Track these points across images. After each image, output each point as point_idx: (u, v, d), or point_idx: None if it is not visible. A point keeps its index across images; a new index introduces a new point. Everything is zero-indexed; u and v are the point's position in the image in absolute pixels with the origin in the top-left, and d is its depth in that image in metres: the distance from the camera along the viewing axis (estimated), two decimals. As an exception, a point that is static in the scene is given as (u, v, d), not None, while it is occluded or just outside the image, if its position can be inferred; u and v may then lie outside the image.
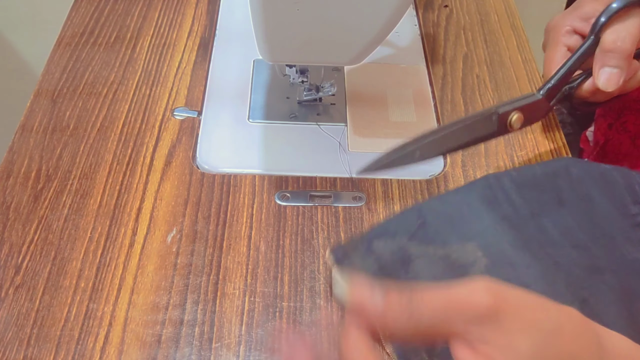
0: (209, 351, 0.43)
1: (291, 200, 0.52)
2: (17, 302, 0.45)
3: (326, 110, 0.61)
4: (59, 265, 0.47)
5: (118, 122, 0.58)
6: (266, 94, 0.62)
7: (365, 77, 0.64)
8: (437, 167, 0.56)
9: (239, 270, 0.48)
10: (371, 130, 0.59)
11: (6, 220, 0.50)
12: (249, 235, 0.50)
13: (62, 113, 0.58)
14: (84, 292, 0.46)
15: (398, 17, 0.48)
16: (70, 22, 0.68)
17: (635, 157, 0.65)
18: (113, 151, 0.55)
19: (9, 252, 0.48)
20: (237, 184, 0.53)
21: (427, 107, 0.62)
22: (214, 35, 0.68)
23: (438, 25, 0.71)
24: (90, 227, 0.50)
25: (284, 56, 0.52)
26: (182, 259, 0.48)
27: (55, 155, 0.55)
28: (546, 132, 0.60)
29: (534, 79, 0.65)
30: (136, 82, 0.62)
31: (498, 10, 0.74)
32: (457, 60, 0.67)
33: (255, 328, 0.44)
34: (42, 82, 0.61)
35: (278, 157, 0.56)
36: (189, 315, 0.45)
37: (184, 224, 0.50)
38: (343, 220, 0.51)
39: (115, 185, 0.53)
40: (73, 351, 0.43)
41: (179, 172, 0.54)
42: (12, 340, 0.43)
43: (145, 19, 0.69)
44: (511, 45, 0.69)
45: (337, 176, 0.54)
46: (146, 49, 0.65)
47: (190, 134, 0.57)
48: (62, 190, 0.52)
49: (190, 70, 0.63)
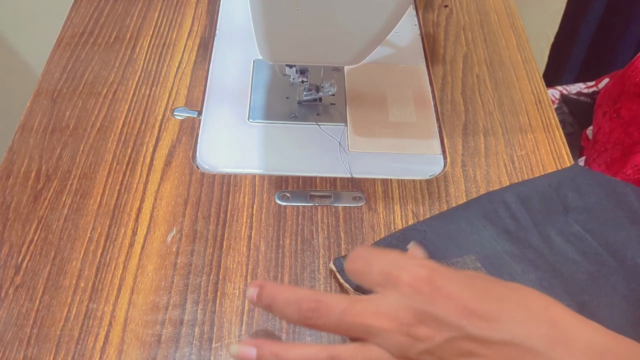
0: (209, 351, 0.43)
1: (291, 200, 0.52)
2: (17, 302, 0.45)
3: (326, 110, 0.61)
4: (59, 265, 0.47)
5: (118, 122, 0.58)
6: (266, 94, 0.62)
7: (365, 77, 0.64)
8: (437, 167, 0.56)
9: (239, 270, 0.48)
10: (371, 130, 0.59)
11: (6, 220, 0.50)
12: (249, 235, 0.50)
13: (62, 113, 0.58)
14: (83, 292, 0.46)
15: (398, 17, 0.48)
16: (70, 22, 0.68)
17: (626, 144, 0.65)
18: (113, 151, 0.55)
19: (9, 252, 0.48)
20: (237, 184, 0.53)
21: (427, 107, 0.62)
22: (214, 35, 0.68)
23: (438, 25, 0.71)
24: (90, 227, 0.50)
25: (284, 56, 0.52)
26: (182, 259, 0.48)
27: (55, 155, 0.55)
28: (546, 132, 0.60)
29: (533, 79, 0.65)
30: (136, 82, 0.62)
31: (498, 10, 0.74)
32: (457, 60, 0.67)
33: (255, 328, 0.44)
34: (42, 82, 0.61)
35: (278, 157, 0.56)
36: (189, 315, 0.45)
37: (184, 224, 0.50)
38: (343, 220, 0.51)
39: (115, 185, 0.53)
40: (73, 351, 0.43)
41: (179, 172, 0.54)
42: (12, 340, 0.43)
43: (145, 19, 0.69)
44: (511, 45, 0.69)
45: (337, 176, 0.54)
46: (146, 49, 0.65)
47: (190, 134, 0.57)
48: (62, 190, 0.52)
49: (190, 70, 0.63)
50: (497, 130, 0.59)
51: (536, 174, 0.56)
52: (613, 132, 0.66)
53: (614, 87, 0.58)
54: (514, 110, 0.62)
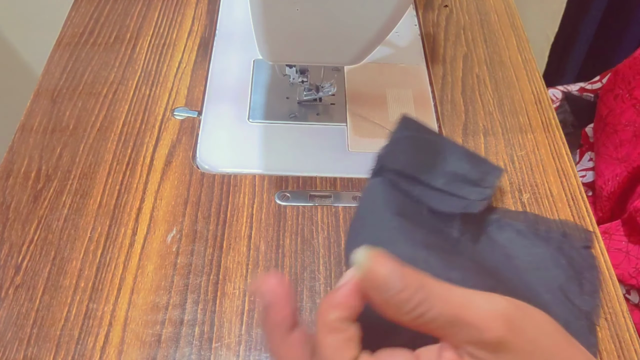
0: (209, 351, 0.43)
1: (291, 200, 0.52)
2: (17, 302, 0.45)
3: (326, 110, 0.61)
4: (59, 265, 0.47)
5: (118, 122, 0.58)
6: (266, 94, 0.62)
7: (365, 77, 0.64)
8: (437, 167, 0.56)
9: (239, 270, 0.48)
10: (371, 130, 0.59)
11: (6, 220, 0.50)
12: (249, 235, 0.50)
13: (62, 113, 0.58)
14: (83, 292, 0.46)
15: (398, 17, 0.48)
16: (70, 22, 0.68)
17: (637, 125, 0.65)
18: (113, 151, 0.55)
19: (9, 252, 0.48)
20: (237, 183, 0.53)
21: (427, 107, 0.62)
22: (214, 35, 0.68)
23: (438, 25, 0.71)
24: (90, 227, 0.50)
25: (284, 56, 0.52)
26: (182, 259, 0.48)
27: (55, 155, 0.55)
28: (546, 132, 0.60)
29: (534, 79, 0.65)
30: (136, 82, 0.62)
31: (498, 10, 0.74)
32: (457, 60, 0.67)
33: (255, 328, 0.44)
34: (42, 82, 0.61)
35: (278, 157, 0.56)
36: (189, 315, 0.45)
37: (184, 224, 0.50)
38: (343, 220, 0.51)
39: (115, 185, 0.53)
40: (73, 351, 0.43)
41: (179, 172, 0.54)
42: (12, 340, 0.43)
43: (145, 19, 0.69)
44: (511, 45, 0.69)
45: (337, 176, 0.54)
46: (146, 49, 0.65)
47: (190, 133, 0.57)
48: (62, 190, 0.52)
49: (190, 70, 0.63)
50: (497, 130, 0.59)
51: (536, 174, 0.56)
52: (624, 113, 0.66)
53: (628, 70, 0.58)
54: (514, 110, 0.62)
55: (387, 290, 0.28)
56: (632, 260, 0.60)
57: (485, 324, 0.27)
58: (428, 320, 0.28)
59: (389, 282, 0.28)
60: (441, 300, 0.28)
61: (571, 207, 0.53)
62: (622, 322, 0.46)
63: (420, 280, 0.28)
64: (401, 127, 0.48)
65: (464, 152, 0.51)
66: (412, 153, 0.48)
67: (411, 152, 0.48)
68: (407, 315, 0.28)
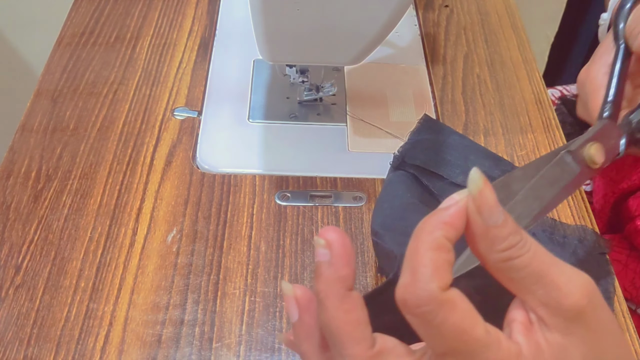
0: (209, 351, 0.43)
1: (291, 200, 0.52)
2: (17, 302, 0.45)
3: (326, 110, 0.61)
4: (59, 265, 0.47)
5: (118, 122, 0.58)
6: (266, 94, 0.62)
7: (365, 77, 0.64)
8: (437, 167, 0.56)
9: (239, 270, 0.48)
10: (371, 130, 0.59)
11: (6, 220, 0.50)
12: (249, 235, 0.50)
13: (62, 113, 0.58)
14: (84, 292, 0.46)
15: (398, 17, 0.48)
16: (70, 22, 0.68)
17: None
18: (113, 151, 0.55)
19: (9, 252, 0.48)
20: (237, 184, 0.53)
21: (427, 107, 0.62)
22: (214, 35, 0.68)
23: (438, 25, 0.71)
24: (91, 227, 0.50)
25: (284, 56, 0.52)
26: (182, 259, 0.48)
27: (55, 155, 0.55)
28: (546, 132, 0.60)
29: (534, 79, 0.65)
30: (136, 82, 0.62)
31: (499, 10, 0.74)
32: (458, 60, 0.67)
33: (256, 328, 0.44)
34: (42, 82, 0.61)
35: (278, 157, 0.56)
36: (189, 315, 0.45)
37: (184, 224, 0.50)
38: (343, 220, 0.51)
39: (116, 185, 0.53)
40: (73, 351, 0.43)
41: (179, 172, 0.54)
42: (12, 340, 0.43)
43: (146, 19, 0.69)
44: (512, 45, 0.69)
45: (337, 176, 0.54)
46: (146, 49, 0.65)
47: (191, 133, 0.57)
48: (62, 190, 0.52)
49: (191, 70, 0.63)
50: (497, 130, 0.59)
51: (536, 174, 0.56)
52: None
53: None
54: (514, 110, 0.62)
55: (490, 217, 0.26)
56: (630, 274, 0.60)
57: (569, 288, 0.26)
58: (515, 267, 0.26)
59: (494, 210, 0.26)
60: (533, 251, 0.27)
61: (571, 207, 0.53)
62: (622, 322, 0.46)
63: (517, 226, 0.27)
64: (421, 128, 0.49)
65: (484, 151, 0.52)
66: (433, 151, 0.49)
67: (432, 150, 0.49)
68: (497, 253, 0.26)
